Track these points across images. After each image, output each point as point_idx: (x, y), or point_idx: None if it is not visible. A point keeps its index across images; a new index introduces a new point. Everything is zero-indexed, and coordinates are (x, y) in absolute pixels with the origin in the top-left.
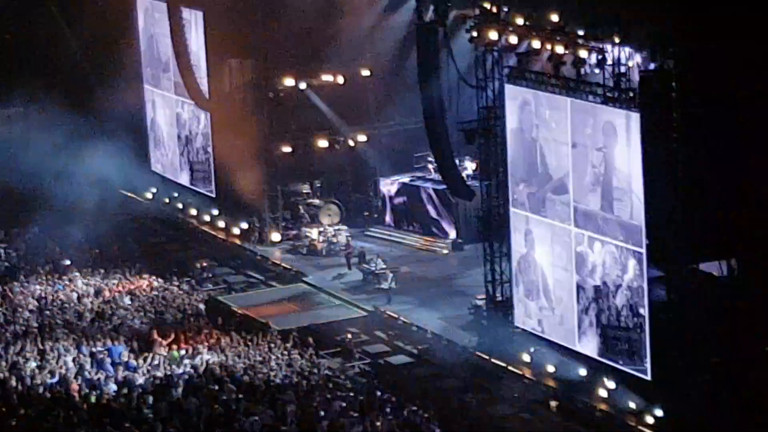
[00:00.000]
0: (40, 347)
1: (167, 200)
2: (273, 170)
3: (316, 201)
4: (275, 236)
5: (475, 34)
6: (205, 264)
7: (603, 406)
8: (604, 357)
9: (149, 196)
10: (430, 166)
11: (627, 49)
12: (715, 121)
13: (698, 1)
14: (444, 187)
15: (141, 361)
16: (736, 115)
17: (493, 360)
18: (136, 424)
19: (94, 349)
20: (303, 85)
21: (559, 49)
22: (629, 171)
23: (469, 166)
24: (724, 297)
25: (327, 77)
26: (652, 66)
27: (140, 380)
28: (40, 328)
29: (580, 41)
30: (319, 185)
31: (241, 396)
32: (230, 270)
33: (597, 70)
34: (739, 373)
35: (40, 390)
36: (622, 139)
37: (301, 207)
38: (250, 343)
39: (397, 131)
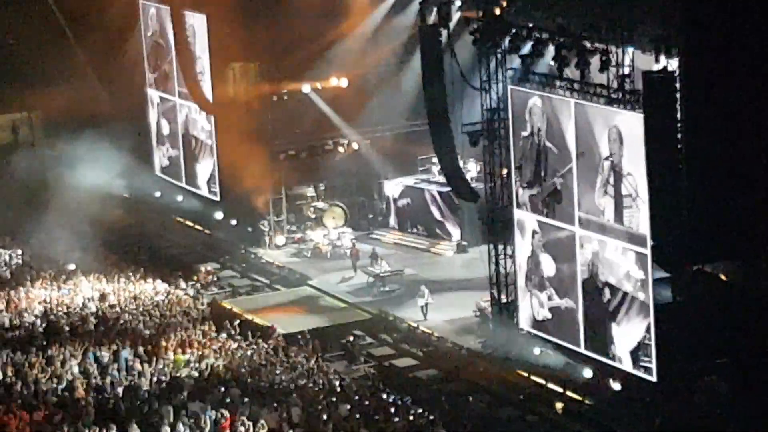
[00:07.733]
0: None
1: (171, 204)
2: (277, 173)
3: (321, 204)
4: (280, 239)
5: (478, 35)
6: (209, 268)
7: (608, 408)
8: (608, 358)
9: (153, 199)
10: (435, 168)
11: (631, 50)
12: (720, 121)
13: (702, 1)
14: (448, 189)
15: (146, 365)
16: (741, 115)
17: (498, 362)
18: (142, 427)
19: (99, 354)
20: (307, 89)
21: (563, 51)
22: (636, 177)
23: (473, 168)
24: (730, 298)
25: (331, 80)
26: (656, 67)
27: (146, 385)
28: (46, 333)
29: (584, 42)
30: (323, 188)
31: (246, 399)
32: (235, 273)
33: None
34: (744, 375)
35: (47, 395)
36: (629, 146)
37: (305, 210)
38: (255, 347)
39: (401, 133)
